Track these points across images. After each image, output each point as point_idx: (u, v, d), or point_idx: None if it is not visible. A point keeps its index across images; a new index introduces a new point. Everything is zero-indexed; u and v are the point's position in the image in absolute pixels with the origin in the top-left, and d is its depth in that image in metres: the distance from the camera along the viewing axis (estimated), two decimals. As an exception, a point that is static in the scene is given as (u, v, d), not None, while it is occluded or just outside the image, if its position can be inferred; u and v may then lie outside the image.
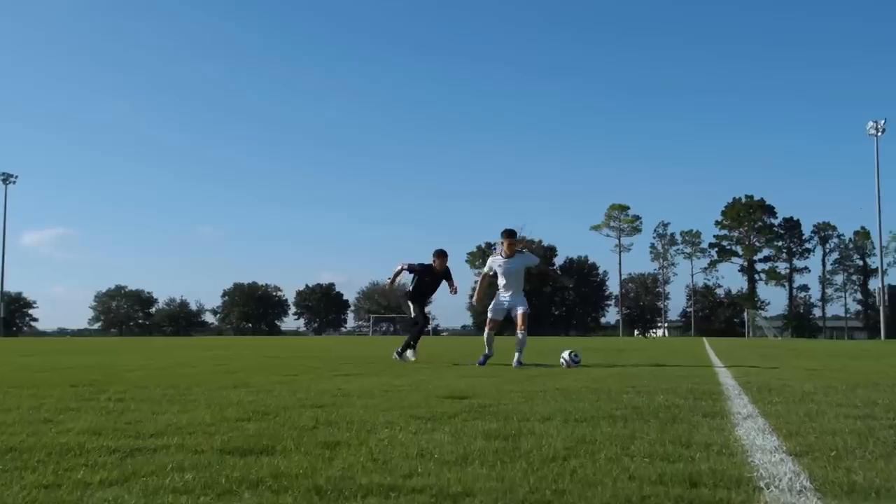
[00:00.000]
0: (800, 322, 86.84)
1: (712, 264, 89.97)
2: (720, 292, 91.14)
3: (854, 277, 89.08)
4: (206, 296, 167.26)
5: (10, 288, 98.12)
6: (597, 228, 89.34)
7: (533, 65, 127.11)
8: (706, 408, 4.45)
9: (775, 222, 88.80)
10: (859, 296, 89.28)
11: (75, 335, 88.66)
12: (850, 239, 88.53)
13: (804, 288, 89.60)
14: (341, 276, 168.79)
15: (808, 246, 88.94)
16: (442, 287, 11.00)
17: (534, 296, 10.55)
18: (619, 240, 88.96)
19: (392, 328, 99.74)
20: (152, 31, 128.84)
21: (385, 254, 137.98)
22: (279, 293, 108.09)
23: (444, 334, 75.83)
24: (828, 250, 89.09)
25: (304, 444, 3.14)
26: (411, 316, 10.98)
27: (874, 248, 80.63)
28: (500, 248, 9.87)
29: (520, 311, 9.57)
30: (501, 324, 9.96)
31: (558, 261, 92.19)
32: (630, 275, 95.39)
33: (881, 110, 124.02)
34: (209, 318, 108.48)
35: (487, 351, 9.66)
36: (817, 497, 2.30)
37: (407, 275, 10.84)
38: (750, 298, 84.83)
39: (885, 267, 64.98)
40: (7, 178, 66.57)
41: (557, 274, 59.16)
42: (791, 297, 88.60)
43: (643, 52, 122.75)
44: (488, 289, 10.61)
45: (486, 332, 9.87)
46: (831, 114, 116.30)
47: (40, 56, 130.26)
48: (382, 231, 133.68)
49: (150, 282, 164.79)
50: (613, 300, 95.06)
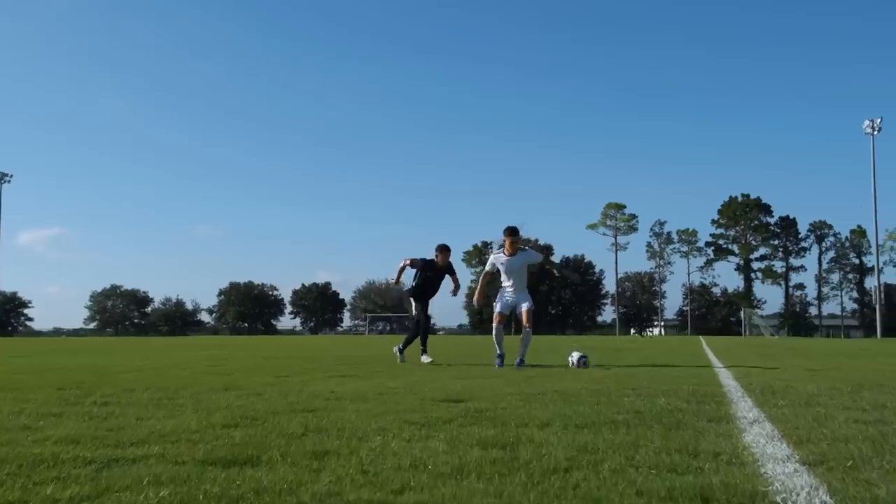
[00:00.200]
0: (796, 320, 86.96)
1: (708, 263, 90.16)
2: (716, 291, 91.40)
3: (850, 276, 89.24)
4: (202, 295, 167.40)
5: (6, 287, 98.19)
6: (593, 227, 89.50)
7: (532, 65, 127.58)
8: (710, 412, 4.30)
9: (771, 221, 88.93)
10: (855, 294, 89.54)
11: (71, 335, 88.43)
12: (846, 237, 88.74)
13: (800, 286, 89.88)
14: (337, 275, 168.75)
15: (804, 244, 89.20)
16: (443, 288, 10.82)
17: (530, 294, 10.44)
18: (616, 238, 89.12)
19: (388, 327, 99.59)
20: (150, 30, 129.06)
21: (382, 253, 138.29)
22: (275, 292, 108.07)
23: (441, 333, 75.71)
24: (824, 249, 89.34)
25: (292, 453, 2.98)
26: (412, 314, 10.81)
27: (870, 246, 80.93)
28: (496, 247, 9.72)
29: (524, 307, 9.37)
30: (508, 318, 9.69)
31: (555, 260, 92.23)
32: (626, 273, 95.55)
33: (877, 109, 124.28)
34: (205, 317, 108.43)
35: (499, 350, 9.36)
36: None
37: (410, 270, 10.64)
38: (746, 297, 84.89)
39: (881, 265, 65.09)
40: (2, 178, 66.29)
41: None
42: (787, 296, 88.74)
43: (640, 52, 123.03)
44: (488, 287, 10.45)
45: (495, 327, 9.50)
46: (828, 113, 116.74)
47: (36, 55, 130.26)
48: (379, 231, 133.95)
49: (146, 281, 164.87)
50: (610, 299, 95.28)
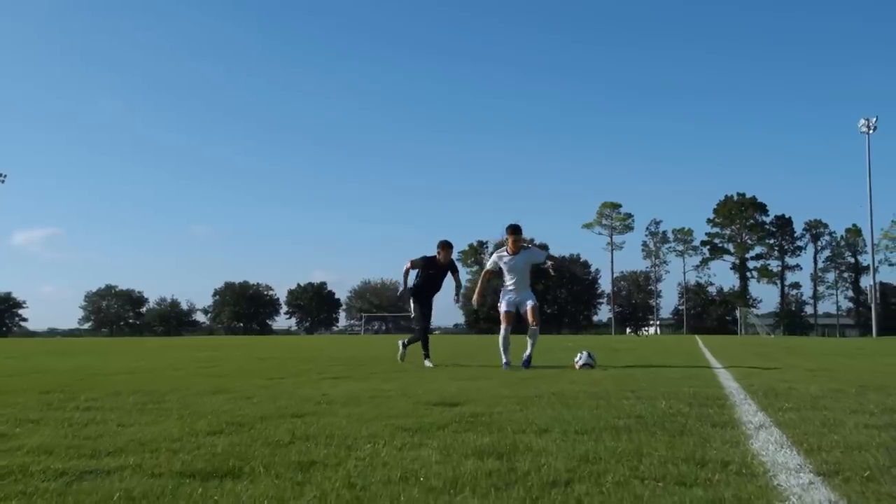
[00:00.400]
0: (791, 319, 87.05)
1: (704, 262, 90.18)
2: (712, 290, 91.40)
3: (845, 275, 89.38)
4: (197, 295, 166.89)
5: (0, 288, 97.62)
6: (589, 226, 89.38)
7: (531, 65, 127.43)
8: (714, 416, 4.15)
9: (767, 220, 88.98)
10: (850, 293, 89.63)
11: (66, 335, 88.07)
12: (842, 236, 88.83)
13: (796, 285, 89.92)
14: (333, 275, 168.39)
15: (799, 243, 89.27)
16: (444, 287, 10.64)
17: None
18: (611, 238, 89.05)
19: (384, 327, 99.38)
20: (147, 30, 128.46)
21: (378, 253, 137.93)
22: (271, 292, 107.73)
23: (437, 333, 75.54)
24: (819, 248, 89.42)
25: (276, 464, 2.82)
26: (411, 316, 10.65)
27: (865, 245, 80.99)
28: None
29: (529, 305, 9.19)
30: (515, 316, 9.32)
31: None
32: (622, 273, 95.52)
33: (873, 108, 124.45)
34: (200, 317, 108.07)
35: (505, 358, 9.00)
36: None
37: (414, 272, 10.42)
38: (742, 296, 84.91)
39: (876, 264, 65.14)
40: (-4, 177, 65.84)
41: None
42: (783, 295, 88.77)
43: (637, 52, 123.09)
44: (487, 286, 10.28)
45: (504, 328, 9.10)
46: (823, 112, 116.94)
47: (32, 55, 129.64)
48: (375, 230, 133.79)
49: (141, 281, 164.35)
50: (605, 298, 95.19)
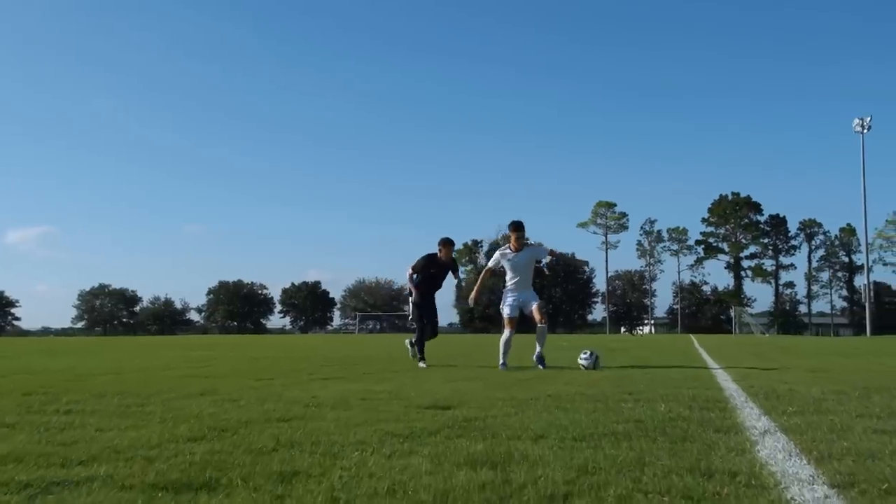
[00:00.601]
0: (785, 319, 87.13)
1: (699, 261, 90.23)
2: (706, 289, 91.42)
3: (840, 274, 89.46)
4: (191, 294, 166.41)
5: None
6: (583, 226, 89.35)
7: (529, 64, 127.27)
8: (716, 421, 4.00)
9: (761, 219, 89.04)
10: (845, 292, 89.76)
11: (59, 334, 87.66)
12: (836, 236, 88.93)
13: (790, 285, 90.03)
14: (327, 273, 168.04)
15: (793, 243, 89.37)
16: (445, 286, 10.50)
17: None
18: (606, 237, 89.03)
19: (379, 326, 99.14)
20: (141, 29, 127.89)
21: (372, 252, 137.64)
22: (265, 291, 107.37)
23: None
24: (813, 247, 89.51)
25: (256, 474, 2.65)
26: (409, 318, 10.51)
27: (859, 244, 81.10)
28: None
29: (535, 304, 9.16)
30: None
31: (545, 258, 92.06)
32: (617, 272, 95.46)
33: (867, 107, 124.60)
34: (194, 316, 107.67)
35: (502, 359, 8.97)
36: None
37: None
38: (736, 295, 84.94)
39: (870, 264, 65.19)
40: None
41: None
42: (777, 294, 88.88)
43: (632, 52, 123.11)
44: (486, 285, 10.17)
45: (508, 332, 9.07)
46: (817, 111, 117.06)
47: (27, 54, 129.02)
48: (370, 229, 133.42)
49: (135, 280, 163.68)
50: (600, 297, 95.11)
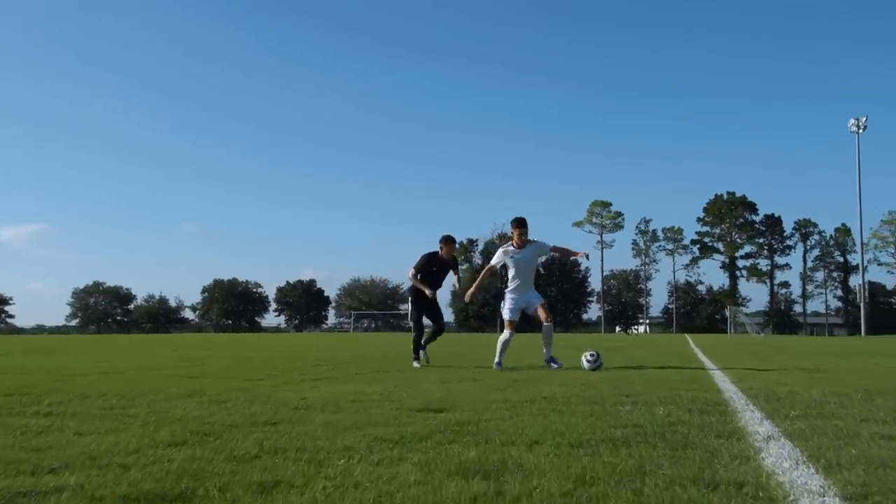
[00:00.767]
0: (780, 318, 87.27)
1: (694, 261, 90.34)
2: (702, 289, 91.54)
3: (834, 274, 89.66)
4: (186, 292, 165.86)
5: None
6: (579, 225, 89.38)
7: (527, 64, 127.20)
8: (717, 425, 3.87)
9: (756, 219, 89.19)
10: (839, 292, 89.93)
11: (53, 332, 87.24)
12: (831, 236, 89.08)
13: (785, 284, 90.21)
14: (322, 272, 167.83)
15: (789, 243, 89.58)
16: (445, 285, 10.35)
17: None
18: (601, 236, 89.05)
19: (374, 325, 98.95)
20: (140, 29, 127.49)
21: (367, 250, 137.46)
22: (260, 290, 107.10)
23: (425, 331, 75.12)
24: (808, 247, 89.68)
25: (234, 484, 2.50)
26: (408, 318, 10.38)
27: (854, 244, 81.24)
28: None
29: (538, 305, 9.04)
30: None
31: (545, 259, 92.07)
32: (612, 271, 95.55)
33: (862, 107, 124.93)
34: (189, 314, 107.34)
35: (498, 358, 8.89)
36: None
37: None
38: (731, 295, 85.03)
39: (865, 263, 65.25)
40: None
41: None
42: (772, 294, 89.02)
43: (628, 51, 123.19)
44: (485, 283, 10.09)
45: (508, 334, 8.98)
46: (813, 111, 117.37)
47: (24, 53, 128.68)
48: (364, 228, 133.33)
49: (129, 278, 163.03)
50: (595, 297, 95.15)
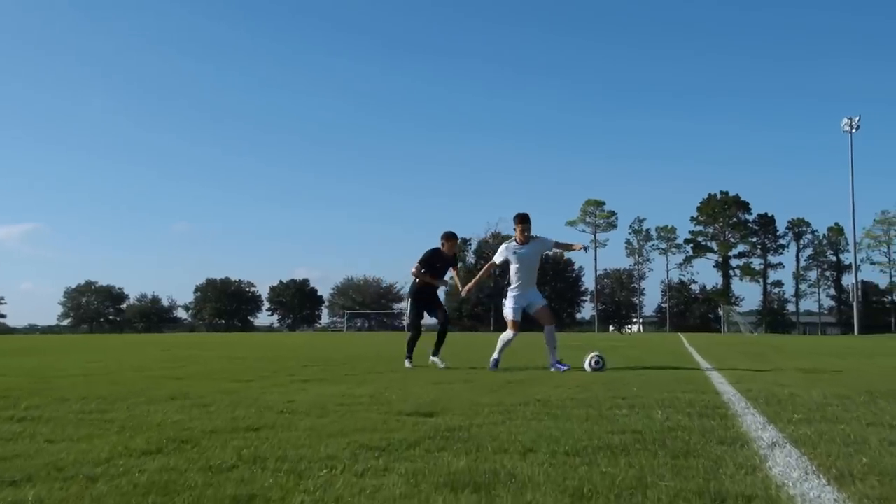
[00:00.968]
0: (773, 318, 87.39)
1: (687, 260, 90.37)
2: (695, 288, 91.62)
3: (827, 273, 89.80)
4: (179, 292, 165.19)
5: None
6: (572, 224, 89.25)
7: (526, 64, 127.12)
8: (719, 430, 3.71)
9: (750, 218, 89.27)
10: (832, 291, 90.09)
11: (45, 332, 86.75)
12: (824, 235, 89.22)
13: (778, 284, 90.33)
14: (316, 271, 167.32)
15: (782, 242, 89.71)
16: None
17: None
18: (595, 235, 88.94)
19: (367, 324, 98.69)
20: (136, 28, 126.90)
21: (362, 250, 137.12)
22: (253, 289, 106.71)
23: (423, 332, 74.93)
24: (802, 246, 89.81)
25: (206, 499, 2.32)
26: (406, 316, 10.27)
27: (847, 244, 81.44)
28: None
29: (541, 306, 8.86)
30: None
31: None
32: (605, 270, 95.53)
33: (856, 107, 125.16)
34: (182, 314, 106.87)
35: (496, 356, 8.81)
36: None
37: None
38: (724, 294, 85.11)
39: (858, 263, 65.39)
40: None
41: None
42: (765, 293, 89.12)
43: (622, 50, 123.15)
44: (484, 280, 9.98)
45: (511, 335, 8.83)
46: (806, 111, 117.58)
47: (20, 52, 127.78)
48: (359, 228, 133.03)
49: (122, 278, 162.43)
50: (589, 296, 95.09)
